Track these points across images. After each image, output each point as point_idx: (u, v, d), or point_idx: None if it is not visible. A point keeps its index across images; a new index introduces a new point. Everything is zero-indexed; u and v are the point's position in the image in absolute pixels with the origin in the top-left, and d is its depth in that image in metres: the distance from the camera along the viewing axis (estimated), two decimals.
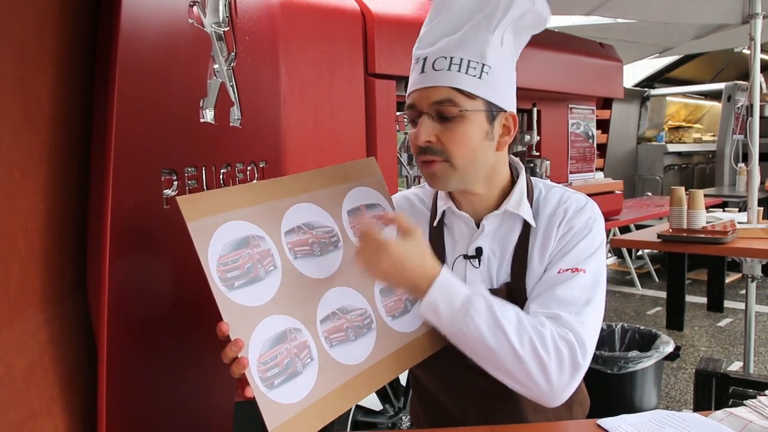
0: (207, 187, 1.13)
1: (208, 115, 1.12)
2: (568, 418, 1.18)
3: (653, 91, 6.57)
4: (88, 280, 0.98)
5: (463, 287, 0.98)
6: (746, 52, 3.54)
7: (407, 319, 1.10)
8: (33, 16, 0.86)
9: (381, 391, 2.19)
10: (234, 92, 1.19)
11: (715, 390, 2.30)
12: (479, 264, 1.11)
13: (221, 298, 0.88)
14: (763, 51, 3.84)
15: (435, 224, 1.16)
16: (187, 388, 1.13)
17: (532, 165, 2.76)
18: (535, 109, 2.83)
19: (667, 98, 6.77)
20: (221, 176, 1.16)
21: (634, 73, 6.84)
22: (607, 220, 2.73)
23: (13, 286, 0.85)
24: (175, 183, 1.05)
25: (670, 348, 2.65)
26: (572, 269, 1.04)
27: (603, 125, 3.55)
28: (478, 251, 1.11)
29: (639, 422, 1.03)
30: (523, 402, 1.11)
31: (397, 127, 2.11)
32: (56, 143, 0.91)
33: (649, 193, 5.90)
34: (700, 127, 7.62)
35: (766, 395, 1.08)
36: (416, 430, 1.35)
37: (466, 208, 1.13)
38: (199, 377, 1.14)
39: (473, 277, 1.11)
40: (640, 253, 6.01)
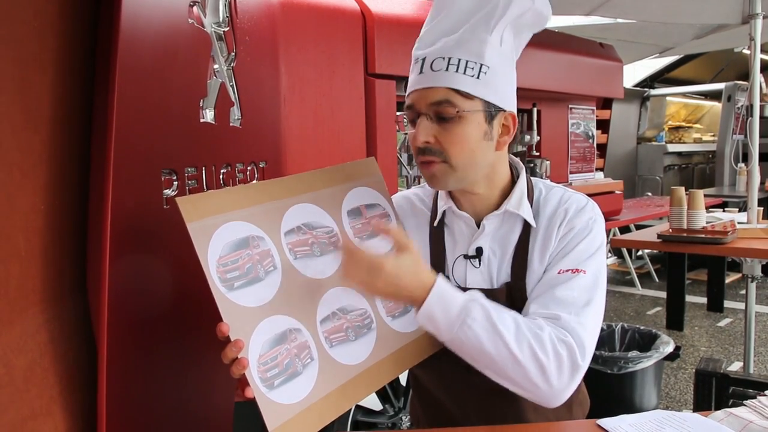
0: (207, 187, 1.13)
1: (208, 115, 1.12)
2: (568, 418, 1.18)
3: (653, 91, 6.57)
4: (88, 280, 0.98)
5: (459, 295, 0.97)
6: (746, 52, 3.54)
7: (407, 319, 1.10)
8: (33, 16, 0.86)
9: (381, 391, 2.19)
10: (234, 92, 1.19)
11: (715, 390, 2.30)
12: (479, 264, 1.11)
13: (221, 299, 0.88)
14: (763, 51, 3.84)
15: (435, 224, 1.16)
16: (187, 388, 1.13)
17: (532, 165, 2.76)
18: (535, 109, 2.83)
19: (667, 98, 6.77)
20: (221, 176, 1.16)
21: (634, 73, 6.84)
22: (607, 220, 2.73)
23: (13, 286, 0.85)
24: (175, 183, 1.05)
25: (670, 348, 2.65)
26: (572, 270, 1.04)
27: (603, 125, 3.55)
28: (479, 251, 1.11)
29: (639, 422, 1.03)
30: (523, 402, 1.11)
31: (397, 127, 2.11)
32: (56, 143, 0.91)
33: (649, 193, 5.90)
34: (700, 127, 7.62)
35: (766, 395, 1.08)
36: (416, 430, 1.34)
37: (466, 208, 1.13)
38: (199, 377, 1.14)
39: (473, 277, 1.11)
40: (640, 253, 6.01)
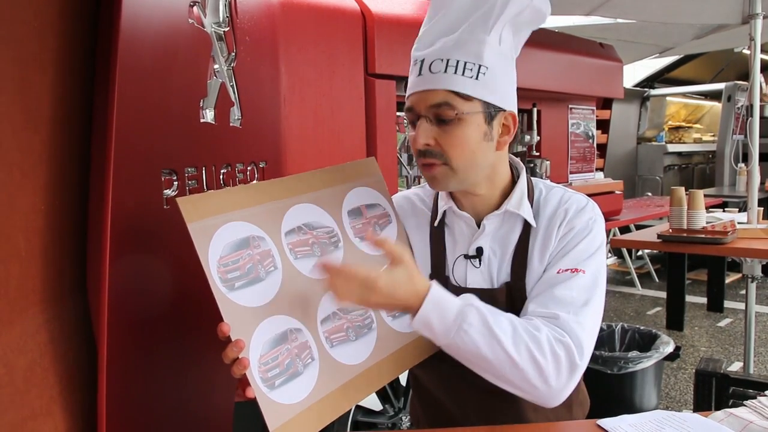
0: (207, 188, 1.12)
1: (208, 115, 1.12)
2: (569, 418, 1.18)
3: (653, 91, 6.57)
4: (88, 280, 0.98)
5: (455, 300, 0.97)
6: (746, 52, 3.54)
7: (408, 319, 1.09)
8: (33, 16, 0.86)
9: (381, 391, 2.19)
10: (234, 92, 1.19)
11: (715, 390, 2.30)
12: (480, 264, 1.11)
13: (222, 299, 0.88)
14: (763, 51, 3.84)
15: (436, 224, 1.16)
16: (187, 388, 1.13)
17: (532, 165, 2.75)
18: (535, 110, 2.83)
19: (667, 98, 6.77)
20: (221, 176, 1.16)
21: (634, 73, 6.84)
22: (607, 221, 2.73)
23: (13, 286, 0.85)
24: (175, 183, 1.05)
25: (670, 348, 2.65)
26: (571, 269, 1.04)
27: (603, 125, 3.55)
28: (479, 251, 1.11)
29: (639, 423, 1.02)
30: (523, 402, 1.11)
31: (398, 129, 2.11)
32: (56, 143, 0.91)
33: (649, 193, 5.90)
34: (700, 127, 7.62)
35: (766, 395, 1.08)
36: (416, 430, 1.34)
37: (466, 208, 1.13)
38: (199, 377, 1.14)
39: (474, 277, 1.11)
40: (640, 253, 6.01)
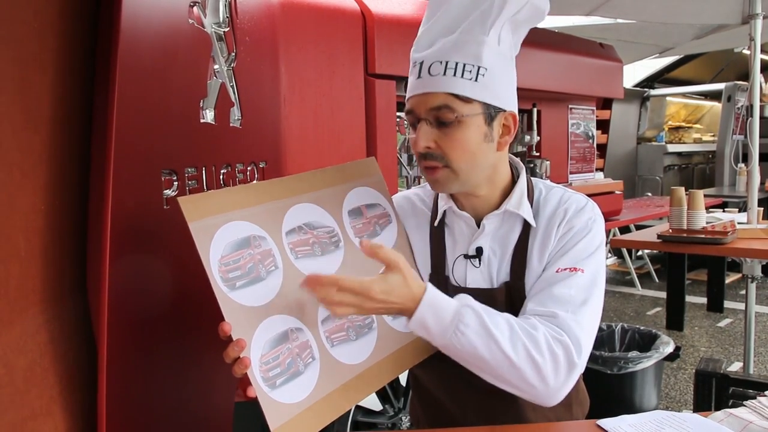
0: (207, 188, 1.12)
1: (208, 116, 1.12)
2: (568, 418, 1.18)
3: (653, 92, 6.57)
4: (88, 280, 0.98)
5: (451, 302, 0.96)
6: (746, 52, 3.54)
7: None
8: (33, 16, 0.86)
9: (381, 391, 2.19)
10: (234, 92, 1.19)
11: (715, 390, 2.30)
12: (479, 264, 1.11)
13: (223, 299, 0.88)
14: (763, 51, 3.84)
15: (436, 224, 1.16)
16: (187, 388, 1.13)
17: (532, 165, 2.75)
18: (535, 110, 2.83)
19: (667, 98, 6.77)
20: (221, 176, 1.16)
21: (634, 74, 6.84)
22: (607, 221, 2.73)
23: (13, 286, 0.85)
24: (175, 183, 1.05)
25: (670, 348, 2.65)
26: (570, 268, 1.04)
27: (603, 125, 3.55)
28: (479, 251, 1.11)
29: (639, 423, 1.03)
30: (523, 402, 1.11)
31: (398, 130, 2.11)
32: (56, 143, 0.91)
33: (649, 194, 5.90)
34: (700, 128, 7.62)
35: (766, 396, 1.08)
36: (416, 430, 1.34)
37: (466, 208, 1.13)
38: (199, 377, 1.14)
39: (473, 277, 1.11)
40: (640, 253, 6.01)
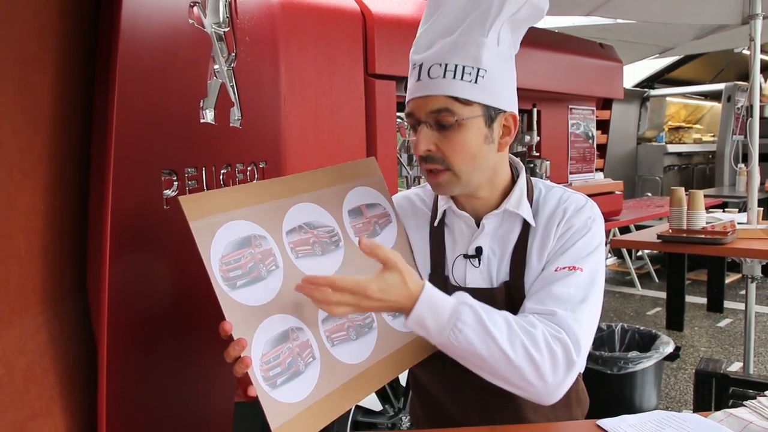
0: (207, 188, 1.12)
1: (208, 116, 1.12)
2: (568, 417, 1.18)
3: (653, 92, 6.57)
4: (88, 280, 0.98)
5: (449, 300, 0.96)
6: (746, 52, 3.54)
7: None
8: (33, 16, 0.86)
9: (381, 391, 2.19)
10: (234, 93, 1.19)
11: (715, 390, 2.30)
12: (479, 263, 1.11)
13: (224, 298, 0.88)
14: (763, 51, 3.84)
15: (435, 224, 1.16)
16: (187, 388, 1.13)
17: (532, 165, 2.75)
18: (535, 110, 2.83)
19: (667, 99, 6.77)
20: (221, 177, 1.16)
21: (634, 74, 6.84)
22: (607, 221, 2.73)
23: (13, 287, 0.85)
24: (175, 183, 1.05)
25: (669, 348, 2.65)
26: (569, 267, 1.04)
27: (603, 126, 3.55)
28: (478, 250, 1.11)
29: (639, 423, 1.03)
30: (522, 401, 1.11)
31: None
32: (56, 143, 0.91)
33: (649, 194, 5.90)
34: (700, 128, 7.62)
35: (766, 396, 1.09)
36: (416, 431, 1.34)
37: (466, 208, 1.13)
38: (199, 377, 1.14)
39: (473, 277, 1.11)
40: (640, 253, 6.01)
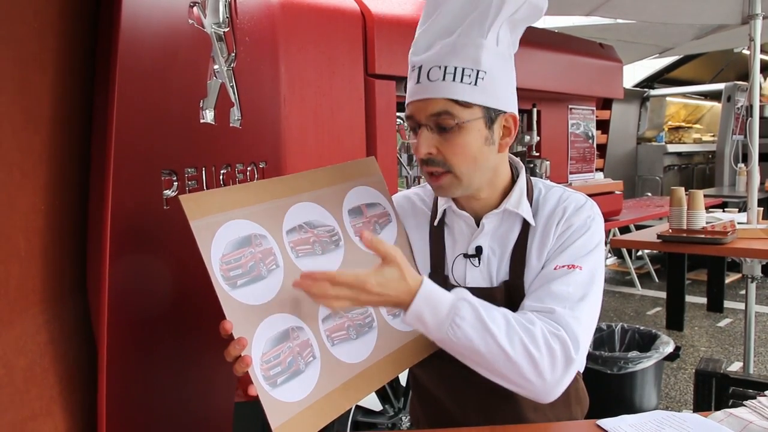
0: (207, 188, 1.12)
1: (208, 116, 1.12)
2: (568, 417, 1.18)
3: (653, 92, 6.57)
4: (88, 280, 0.98)
5: (447, 295, 0.96)
6: (746, 52, 3.54)
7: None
8: (33, 16, 0.86)
9: (381, 391, 2.19)
10: (234, 93, 1.19)
11: (715, 390, 2.30)
12: (479, 263, 1.11)
13: (224, 297, 0.88)
14: (762, 51, 3.84)
15: (435, 223, 1.16)
16: (187, 388, 1.13)
17: (532, 165, 2.75)
18: (535, 110, 2.83)
19: (667, 98, 6.77)
20: (221, 177, 1.16)
21: (634, 74, 6.85)
22: (606, 221, 2.73)
23: (13, 287, 0.85)
24: (175, 183, 1.05)
25: (669, 348, 2.65)
26: (568, 266, 1.04)
27: (603, 125, 3.56)
28: (478, 250, 1.11)
29: (639, 423, 1.02)
30: (523, 401, 1.11)
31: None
32: (56, 143, 0.91)
33: (649, 194, 5.90)
34: (700, 128, 7.63)
35: (766, 396, 1.08)
36: (416, 431, 1.34)
37: (466, 207, 1.13)
38: (199, 377, 1.14)
39: (473, 276, 1.11)
40: (640, 253, 6.02)
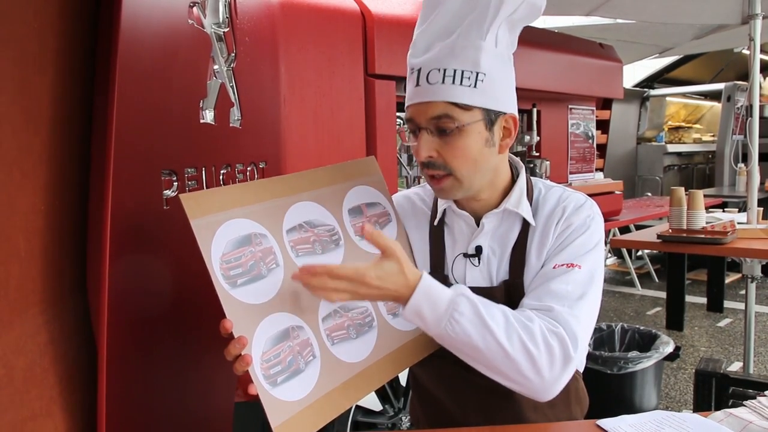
0: (207, 188, 1.12)
1: (208, 116, 1.12)
2: (568, 416, 1.18)
3: (653, 92, 6.57)
4: (88, 280, 0.98)
5: (446, 291, 0.96)
6: (746, 52, 3.54)
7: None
8: (33, 16, 0.86)
9: (381, 391, 2.19)
10: (234, 93, 1.19)
11: (715, 390, 2.30)
12: (479, 262, 1.11)
13: (224, 296, 0.88)
14: (762, 51, 3.84)
15: (435, 223, 1.16)
16: (187, 388, 1.13)
17: (532, 165, 2.76)
18: (535, 110, 2.83)
19: (667, 98, 6.77)
20: (221, 177, 1.16)
21: (634, 74, 6.85)
22: (606, 221, 2.73)
23: (13, 287, 0.85)
24: (175, 183, 1.05)
25: (669, 348, 2.65)
26: (567, 264, 1.04)
27: (603, 125, 3.56)
28: (478, 250, 1.11)
29: (639, 423, 1.02)
30: (523, 401, 1.11)
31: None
32: (56, 143, 0.91)
33: (649, 194, 5.90)
34: (700, 128, 7.63)
35: (765, 396, 1.08)
36: (416, 431, 1.34)
37: (466, 207, 1.13)
38: (199, 377, 1.15)
39: (473, 276, 1.11)
40: (639, 253, 6.02)
